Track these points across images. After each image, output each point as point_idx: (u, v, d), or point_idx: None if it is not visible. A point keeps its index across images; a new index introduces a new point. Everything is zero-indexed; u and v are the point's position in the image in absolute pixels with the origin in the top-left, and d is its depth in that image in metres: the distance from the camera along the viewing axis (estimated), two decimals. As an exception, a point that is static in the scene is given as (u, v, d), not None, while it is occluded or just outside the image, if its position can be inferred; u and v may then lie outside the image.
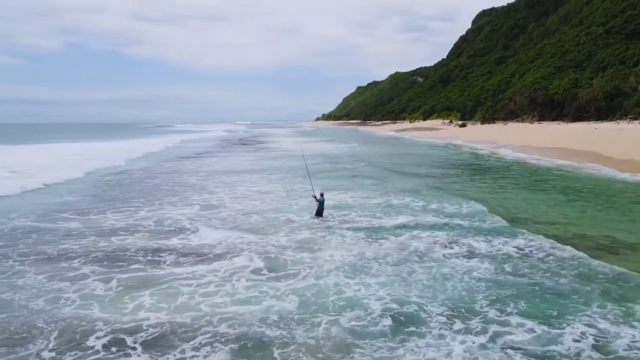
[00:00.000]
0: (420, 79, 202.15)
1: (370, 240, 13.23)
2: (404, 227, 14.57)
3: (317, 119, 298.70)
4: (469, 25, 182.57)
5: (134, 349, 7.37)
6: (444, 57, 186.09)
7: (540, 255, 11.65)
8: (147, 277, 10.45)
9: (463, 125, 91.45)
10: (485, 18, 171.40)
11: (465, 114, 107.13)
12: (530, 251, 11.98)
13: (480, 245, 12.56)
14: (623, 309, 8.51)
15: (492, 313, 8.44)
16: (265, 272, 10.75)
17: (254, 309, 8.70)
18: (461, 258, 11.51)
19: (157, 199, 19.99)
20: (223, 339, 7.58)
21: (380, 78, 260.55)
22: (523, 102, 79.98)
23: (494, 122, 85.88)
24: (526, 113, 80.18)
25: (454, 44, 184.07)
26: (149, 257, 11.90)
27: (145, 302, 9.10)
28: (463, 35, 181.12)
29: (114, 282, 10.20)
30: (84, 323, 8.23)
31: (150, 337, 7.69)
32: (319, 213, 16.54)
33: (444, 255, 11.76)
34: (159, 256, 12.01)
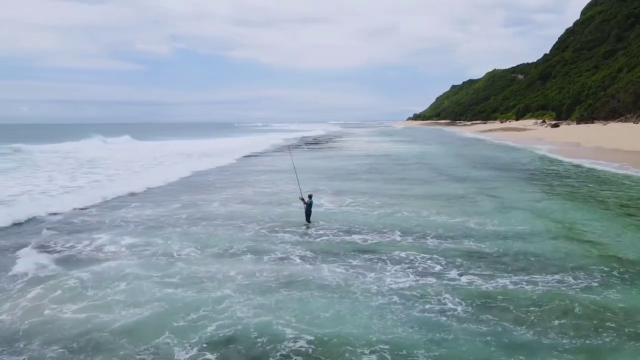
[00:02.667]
0: (520, 76, 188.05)
1: (326, 258, 11.34)
2: (387, 245, 12.42)
3: (408, 119, 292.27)
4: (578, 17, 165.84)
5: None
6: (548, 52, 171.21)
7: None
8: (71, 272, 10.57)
9: (555, 126, 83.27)
10: (596, 8, 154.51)
11: (561, 113, 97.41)
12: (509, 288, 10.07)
13: (463, 278, 9.92)
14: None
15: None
16: (157, 278, 10.08)
17: (95, 319, 8.16)
18: (419, 289, 9.25)
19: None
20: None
21: (478, 76, 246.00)
22: (627, 100, 70.52)
23: (592, 122, 76.88)
24: (631, 112, 70.65)
25: (559, 38, 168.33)
26: (92, 251, 12.18)
27: (43, 299, 9.08)
28: (570, 28, 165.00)
29: (48, 275, 10.46)
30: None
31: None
32: (307, 216, 15.67)
33: (402, 287, 9.41)
34: (89, 251, 12.26)
